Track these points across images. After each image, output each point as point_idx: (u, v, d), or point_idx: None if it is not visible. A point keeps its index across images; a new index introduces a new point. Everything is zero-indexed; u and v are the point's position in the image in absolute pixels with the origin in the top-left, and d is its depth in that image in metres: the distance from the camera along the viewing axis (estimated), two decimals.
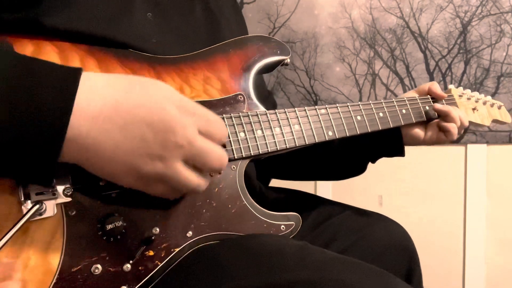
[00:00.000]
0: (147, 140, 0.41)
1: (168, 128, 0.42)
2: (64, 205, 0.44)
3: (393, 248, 0.81)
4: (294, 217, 0.59)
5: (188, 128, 0.43)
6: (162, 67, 0.56)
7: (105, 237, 0.45)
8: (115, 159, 0.40)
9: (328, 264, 0.46)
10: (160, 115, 0.41)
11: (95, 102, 0.39)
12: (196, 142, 0.44)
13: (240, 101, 0.60)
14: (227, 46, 0.63)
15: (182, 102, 0.44)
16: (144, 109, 0.41)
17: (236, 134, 0.57)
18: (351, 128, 0.70)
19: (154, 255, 0.48)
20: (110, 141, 0.40)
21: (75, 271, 0.43)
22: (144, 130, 0.41)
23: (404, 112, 0.79)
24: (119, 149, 0.40)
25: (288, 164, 0.92)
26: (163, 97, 0.43)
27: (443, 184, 1.58)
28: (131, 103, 0.41)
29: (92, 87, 0.40)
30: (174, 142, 0.42)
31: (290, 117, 0.63)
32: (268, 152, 0.59)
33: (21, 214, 0.41)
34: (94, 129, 0.39)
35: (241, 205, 0.56)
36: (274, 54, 0.66)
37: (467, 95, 0.94)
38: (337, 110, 0.69)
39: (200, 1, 0.73)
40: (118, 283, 0.45)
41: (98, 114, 0.39)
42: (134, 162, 0.41)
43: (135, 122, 0.41)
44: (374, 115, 0.74)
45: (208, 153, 0.45)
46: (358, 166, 0.89)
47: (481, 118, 0.95)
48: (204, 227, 0.52)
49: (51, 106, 0.37)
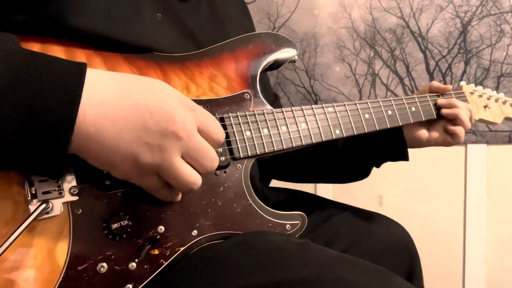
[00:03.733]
0: (148, 128, 0.41)
1: (169, 117, 0.42)
2: (70, 204, 0.44)
3: (394, 248, 0.81)
4: (299, 216, 0.59)
5: (187, 121, 0.44)
6: (168, 65, 0.56)
7: (111, 236, 0.45)
8: (115, 147, 0.41)
9: (329, 262, 0.46)
10: (163, 106, 0.42)
11: (100, 91, 0.40)
12: (194, 137, 0.44)
13: (246, 99, 0.60)
14: (233, 44, 0.63)
15: (183, 98, 0.46)
16: (147, 99, 0.42)
17: (242, 133, 0.57)
18: (359, 127, 0.69)
19: (159, 254, 0.48)
20: (112, 128, 0.40)
21: (81, 270, 0.43)
22: (146, 118, 0.41)
23: (414, 110, 0.77)
24: (121, 137, 0.40)
25: (290, 166, 0.92)
26: (166, 91, 0.44)
27: (443, 184, 1.58)
28: (134, 93, 0.42)
29: (98, 79, 0.41)
30: (174, 132, 0.42)
31: (296, 116, 0.62)
32: (274, 151, 0.59)
33: (28, 213, 0.41)
34: (98, 116, 0.39)
35: (247, 204, 0.55)
36: (281, 51, 0.65)
37: (479, 92, 0.91)
38: (345, 108, 0.68)
39: (206, 2, 0.73)
40: (124, 281, 0.45)
41: (102, 101, 0.40)
42: (134, 150, 0.41)
43: (138, 110, 0.41)
44: (383, 112, 0.73)
45: (204, 151, 0.45)
46: (361, 170, 0.88)
47: (493, 116, 0.92)
48: (209, 226, 0.52)
49: (60, 97, 0.37)
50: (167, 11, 0.62)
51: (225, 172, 0.55)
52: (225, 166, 0.55)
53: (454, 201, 1.57)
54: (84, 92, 0.39)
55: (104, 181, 0.46)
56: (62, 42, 0.48)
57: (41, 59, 0.39)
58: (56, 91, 0.37)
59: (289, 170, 0.94)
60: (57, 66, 0.39)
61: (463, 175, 1.56)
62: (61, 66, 0.39)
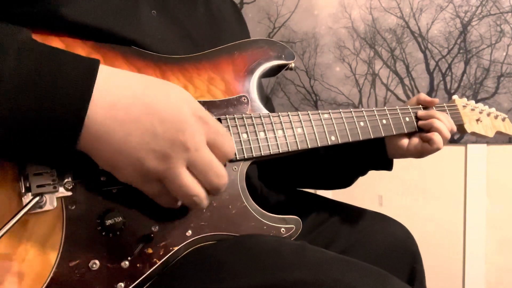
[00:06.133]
0: (157, 135, 0.41)
1: (180, 127, 0.42)
2: (64, 199, 0.44)
3: (396, 248, 0.80)
4: (294, 220, 0.59)
5: (197, 134, 0.43)
6: (167, 66, 0.57)
7: (104, 233, 0.46)
8: (122, 151, 0.41)
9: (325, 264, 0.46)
10: (175, 115, 0.42)
11: (113, 92, 0.40)
12: (203, 150, 0.44)
13: (243, 103, 0.61)
14: (232, 48, 0.64)
15: (198, 110, 0.45)
16: (160, 105, 0.42)
17: (239, 135, 0.57)
18: (354, 134, 0.69)
19: (153, 253, 0.48)
20: (121, 132, 0.40)
21: (72, 266, 0.43)
22: (156, 125, 0.41)
23: (408, 120, 0.79)
24: (128, 141, 0.40)
25: (278, 172, 0.92)
26: (182, 100, 0.44)
27: (443, 184, 1.58)
28: (148, 98, 0.42)
29: (111, 79, 0.41)
30: (182, 143, 0.42)
31: (293, 121, 0.63)
32: (270, 154, 0.59)
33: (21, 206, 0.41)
34: (108, 118, 0.40)
35: (242, 206, 0.56)
36: (279, 58, 0.67)
37: (471, 106, 0.92)
38: (341, 116, 0.69)
39: (203, 4, 0.74)
40: (116, 279, 0.45)
41: (114, 103, 0.40)
42: (140, 156, 0.41)
43: (149, 115, 0.41)
44: (377, 121, 0.74)
45: (210, 165, 0.45)
46: (344, 178, 0.89)
47: (485, 130, 0.94)
48: (204, 227, 0.52)
49: (71, 92, 0.38)
50: (163, 8, 0.63)
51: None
52: None
53: (454, 201, 1.57)
54: (96, 93, 0.39)
55: (99, 177, 0.47)
56: (62, 38, 0.49)
57: (53, 56, 0.39)
58: (67, 91, 0.38)
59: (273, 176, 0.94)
60: (69, 62, 0.39)
61: (463, 175, 1.56)
62: (73, 63, 0.39)
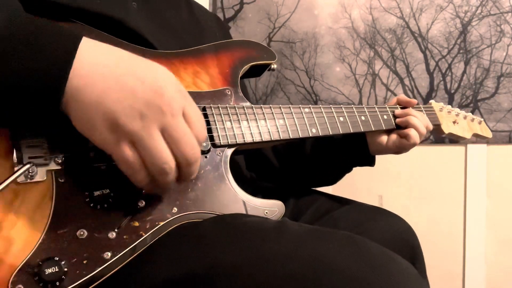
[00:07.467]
0: (136, 93, 0.42)
1: (158, 90, 0.44)
2: (54, 172, 0.47)
3: (395, 242, 0.79)
4: (277, 204, 0.61)
5: (175, 101, 0.45)
6: (154, 59, 0.58)
7: (92, 204, 0.47)
8: (99, 104, 0.41)
9: (303, 236, 0.47)
10: (158, 80, 0.44)
11: (98, 52, 0.43)
12: (178, 118, 0.45)
13: (227, 95, 0.64)
14: (216, 47, 0.68)
15: (181, 86, 0.47)
16: (144, 71, 0.44)
17: (223, 123, 0.60)
18: (334, 128, 0.73)
19: (139, 226, 0.50)
20: (101, 85, 0.41)
21: (61, 233, 0.45)
22: (136, 84, 0.43)
23: (386, 118, 0.84)
24: (107, 94, 0.41)
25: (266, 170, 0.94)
26: (167, 73, 0.46)
27: (443, 184, 1.58)
28: (133, 62, 0.45)
29: (97, 44, 0.44)
30: (159, 105, 0.43)
31: (275, 112, 0.66)
32: (253, 142, 0.62)
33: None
34: (91, 72, 0.41)
35: (226, 188, 0.57)
36: (261, 58, 0.71)
37: (447, 109, 0.99)
38: (321, 111, 0.72)
39: (186, 9, 0.79)
40: (102, 249, 0.46)
41: (99, 62, 0.42)
42: (115, 109, 0.41)
43: (131, 76, 0.43)
44: (357, 117, 0.78)
45: (184, 135, 0.45)
46: (330, 175, 0.93)
47: (462, 131, 1.00)
48: (189, 205, 0.54)
49: (60, 47, 0.40)
50: (144, 1, 0.66)
51: (206, 157, 0.57)
52: (206, 152, 0.57)
53: (454, 201, 1.57)
54: (82, 50, 0.41)
55: (88, 153, 0.49)
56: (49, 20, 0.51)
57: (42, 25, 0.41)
58: (56, 46, 0.40)
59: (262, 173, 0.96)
60: (56, 31, 0.41)
61: (463, 175, 1.56)
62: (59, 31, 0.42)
